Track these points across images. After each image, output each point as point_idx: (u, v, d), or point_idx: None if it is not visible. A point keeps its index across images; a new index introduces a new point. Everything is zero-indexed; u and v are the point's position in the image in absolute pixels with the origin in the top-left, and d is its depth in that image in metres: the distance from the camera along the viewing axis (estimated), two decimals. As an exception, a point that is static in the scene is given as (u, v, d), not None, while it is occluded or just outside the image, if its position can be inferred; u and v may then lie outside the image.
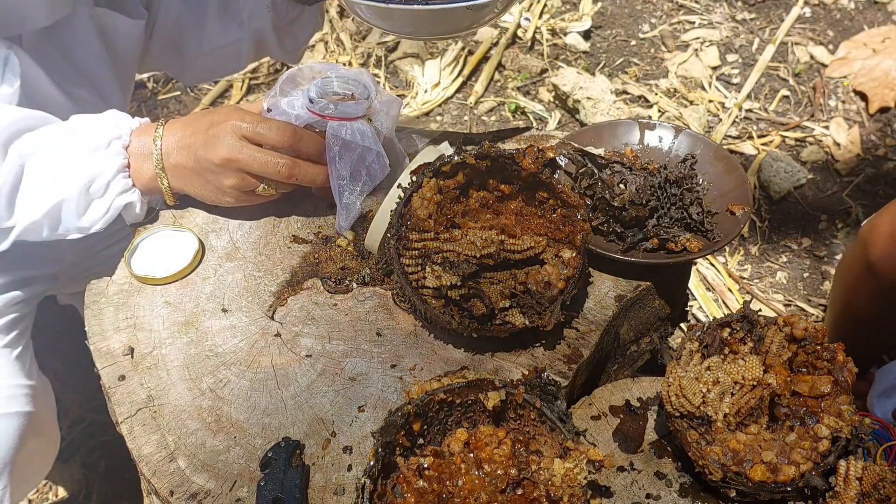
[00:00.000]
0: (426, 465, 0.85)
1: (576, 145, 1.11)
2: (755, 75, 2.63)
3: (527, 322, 0.97)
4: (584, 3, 2.88)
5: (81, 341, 1.05)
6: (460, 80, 2.64)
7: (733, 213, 1.09)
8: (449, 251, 0.97)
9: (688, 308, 1.83)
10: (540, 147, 0.99)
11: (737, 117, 2.52)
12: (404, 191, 1.00)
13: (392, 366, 1.00)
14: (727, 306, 2.08)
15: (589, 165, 1.09)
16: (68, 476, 1.80)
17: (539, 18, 2.83)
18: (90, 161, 1.04)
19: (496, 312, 0.98)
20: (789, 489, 0.84)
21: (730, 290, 2.12)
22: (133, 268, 1.09)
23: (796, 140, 2.47)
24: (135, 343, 1.02)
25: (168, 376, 0.99)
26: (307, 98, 1.12)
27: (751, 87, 2.60)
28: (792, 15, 2.82)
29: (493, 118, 2.56)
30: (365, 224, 1.11)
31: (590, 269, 1.08)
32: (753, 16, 2.84)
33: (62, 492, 1.81)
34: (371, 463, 0.82)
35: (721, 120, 2.52)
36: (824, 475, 0.84)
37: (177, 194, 1.13)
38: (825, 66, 2.66)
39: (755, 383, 0.88)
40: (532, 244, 0.99)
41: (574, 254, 0.99)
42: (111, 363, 1.01)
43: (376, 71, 2.69)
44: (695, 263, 1.87)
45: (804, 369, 0.91)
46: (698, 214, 1.07)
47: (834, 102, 2.57)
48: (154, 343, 1.02)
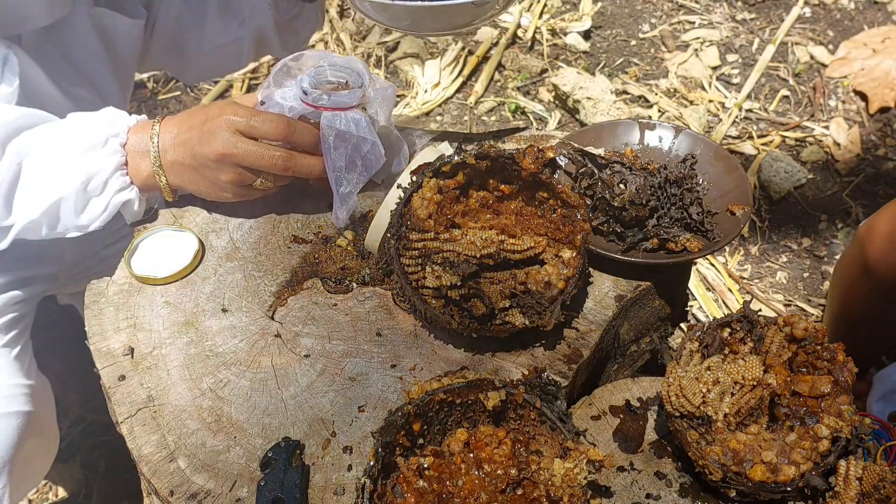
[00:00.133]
0: (426, 465, 0.85)
1: (576, 145, 1.11)
2: (755, 75, 2.63)
3: (527, 322, 0.97)
4: (584, 3, 2.88)
5: (81, 341, 1.04)
6: (460, 80, 2.64)
7: (733, 213, 1.09)
8: (449, 251, 0.97)
9: (688, 308, 1.83)
10: (540, 147, 0.99)
11: (737, 117, 2.52)
12: (404, 191, 1.00)
13: (392, 366, 1.00)
14: (727, 306, 2.08)
15: (589, 165, 1.09)
16: (68, 476, 1.80)
17: (539, 18, 2.83)
18: (87, 159, 1.04)
19: (496, 312, 0.98)
20: (789, 489, 0.84)
21: (730, 290, 2.12)
22: (133, 268, 1.09)
23: (796, 140, 2.47)
24: (135, 343, 1.02)
25: (168, 376, 0.99)
26: (300, 89, 1.11)
27: (751, 87, 2.60)
28: (792, 15, 2.82)
29: (493, 118, 2.56)
30: (365, 224, 1.11)
31: (590, 269, 1.08)
32: (753, 16, 2.84)
33: (62, 492, 1.81)
34: (371, 463, 0.82)
35: (721, 120, 2.52)
36: (824, 475, 0.84)
37: (175, 191, 1.13)
38: (825, 66, 2.66)
39: (755, 383, 0.88)
40: (532, 244, 0.99)
41: (574, 254, 0.99)
42: (111, 363, 1.01)
43: (376, 71, 2.69)
44: (695, 263, 1.86)
45: (804, 369, 0.91)
46: (698, 214, 1.07)
47: (834, 102, 2.57)
48: (154, 343, 1.02)
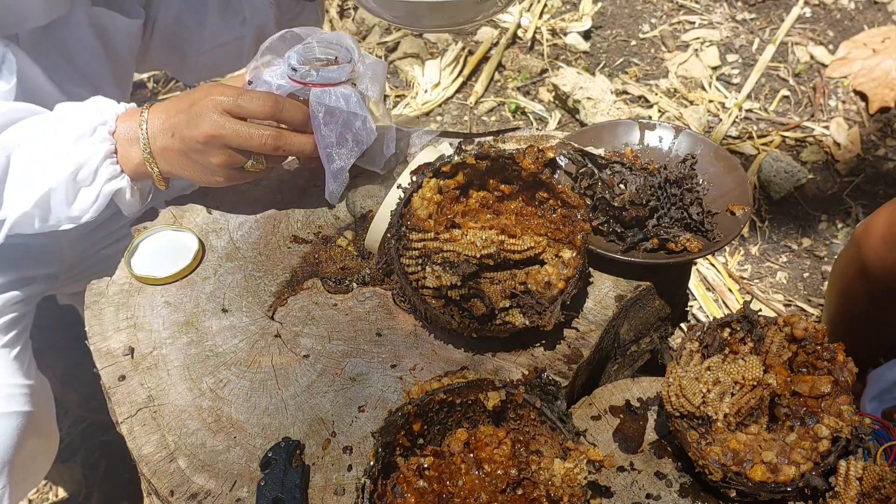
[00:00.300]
0: (426, 465, 0.85)
1: (576, 145, 1.11)
2: (755, 75, 2.63)
3: (527, 322, 0.97)
4: (584, 3, 2.88)
5: (81, 341, 1.04)
6: (460, 80, 2.64)
7: (733, 213, 1.09)
8: (449, 251, 0.97)
9: (688, 308, 1.82)
10: (540, 147, 0.99)
11: (737, 117, 2.52)
12: (404, 191, 1.00)
13: (392, 366, 1.00)
14: (727, 306, 2.08)
15: (589, 165, 1.09)
16: (68, 476, 1.80)
17: (539, 18, 2.83)
18: (76, 149, 1.02)
19: (496, 312, 0.98)
20: (789, 489, 0.84)
21: (730, 290, 2.12)
22: (133, 268, 1.09)
23: (796, 140, 2.47)
24: (135, 343, 1.02)
25: (168, 376, 0.99)
26: (288, 66, 1.08)
27: (751, 87, 2.60)
28: (792, 15, 2.82)
29: (493, 118, 2.56)
30: (365, 224, 1.10)
31: (590, 269, 1.08)
32: (753, 16, 2.84)
33: (62, 492, 1.81)
34: (371, 463, 0.82)
35: (721, 120, 2.52)
36: (824, 475, 0.84)
37: (167, 179, 1.10)
38: (825, 66, 2.66)
39: (755, 383, 0.88)
40: (532, 244, 0.99)
41: (574, 254, 0.99)
42: (111, 363, 1.01)
43: (376, 71, 2.69)
44: (695, 263, 1.86)
45: (804, 369, 0.91)
46: (698, 214, 1.07)
47: (834, 102, 2.57)
48: (154, 343, 1.02)
